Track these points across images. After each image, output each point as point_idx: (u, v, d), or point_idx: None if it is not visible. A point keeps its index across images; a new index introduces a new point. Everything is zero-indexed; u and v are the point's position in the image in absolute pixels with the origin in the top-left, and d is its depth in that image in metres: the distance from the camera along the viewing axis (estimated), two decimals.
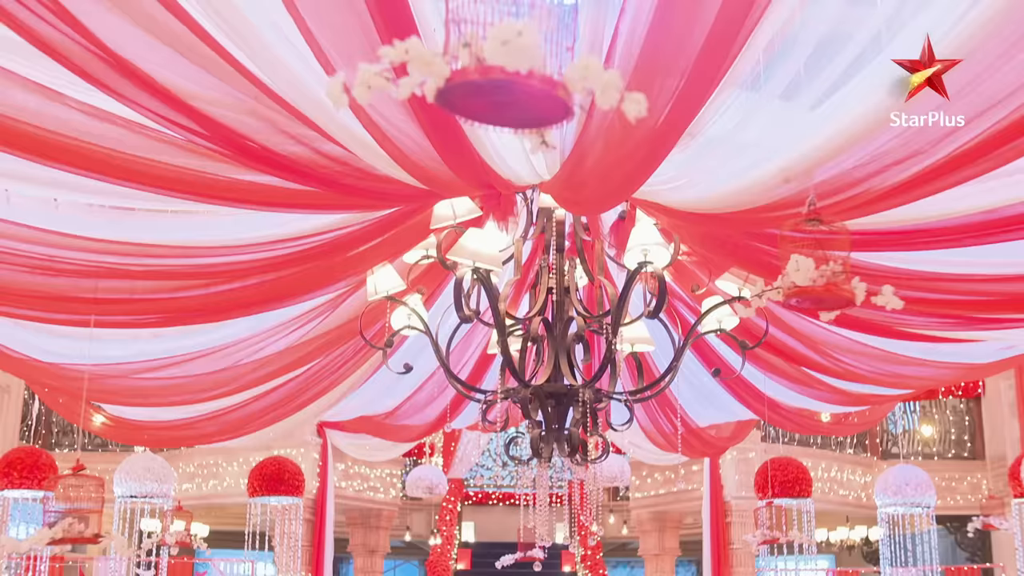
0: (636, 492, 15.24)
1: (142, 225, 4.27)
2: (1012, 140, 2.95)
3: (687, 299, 6.44)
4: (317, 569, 12.69)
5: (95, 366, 6.18)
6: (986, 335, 5.49)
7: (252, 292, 4.89)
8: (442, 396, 8.13)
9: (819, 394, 8.00)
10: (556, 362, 5.23)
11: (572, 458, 5.61)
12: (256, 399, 6.89)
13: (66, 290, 4.37)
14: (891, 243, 3.93)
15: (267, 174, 3.74)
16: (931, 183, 3.16)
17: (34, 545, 4.91)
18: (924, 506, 11.13)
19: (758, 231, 4.08)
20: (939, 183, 3.17)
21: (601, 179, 3.68)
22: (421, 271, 5.55)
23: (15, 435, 12.95)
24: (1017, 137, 2.92)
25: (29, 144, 3.49)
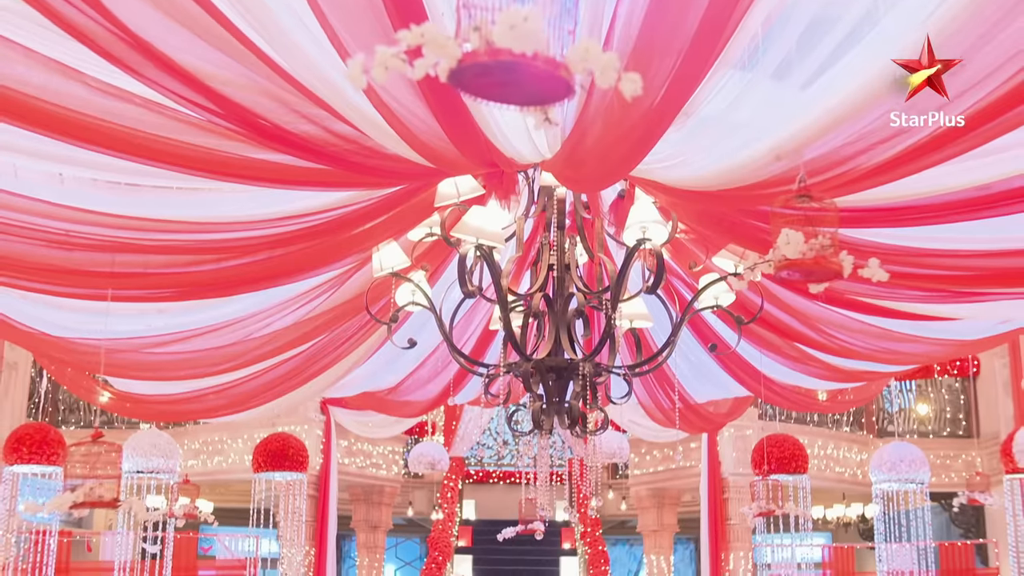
0: (635, 469, 15.43)
1: (156, 201, 4.42)
2: (993, 119, 3.08)
3: (685, 276, 6.58)
4: (321, 544, 12.89)
5: (106, 340, 6.35)
6: (970, 310, 5.64)
7: (262, 267, 5.04)
8: (444, 372, 8.28)
9: (813, 371, 8.14)
10: (557, 337, 5.37)
11: (572, 430, 5.78)
12: (263, 373, 7.04)
13: (83, 264, 4.51)
14: (879, 220, 4.07)
15: (279, 152, 3.89)
16: (916, 161, 3.31)
17: (58, 508, 5.06)
18: (918, 482, 11.29)
19: (752, 208, 4.22)
20: (923, 161, 3.31)
21: (600, 157, 3.83)
22: (425, 248, 5.70)
23: (23, 412, 13.13)
24: (998, 116, 3.06)
25: (51, 122, 3.63)
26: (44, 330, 6.33)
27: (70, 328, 6.30)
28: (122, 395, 8.08)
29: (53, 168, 4.05)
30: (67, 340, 6.33)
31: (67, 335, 6.40)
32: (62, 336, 6.37)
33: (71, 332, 6.36)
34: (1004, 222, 3.94)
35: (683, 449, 14.19)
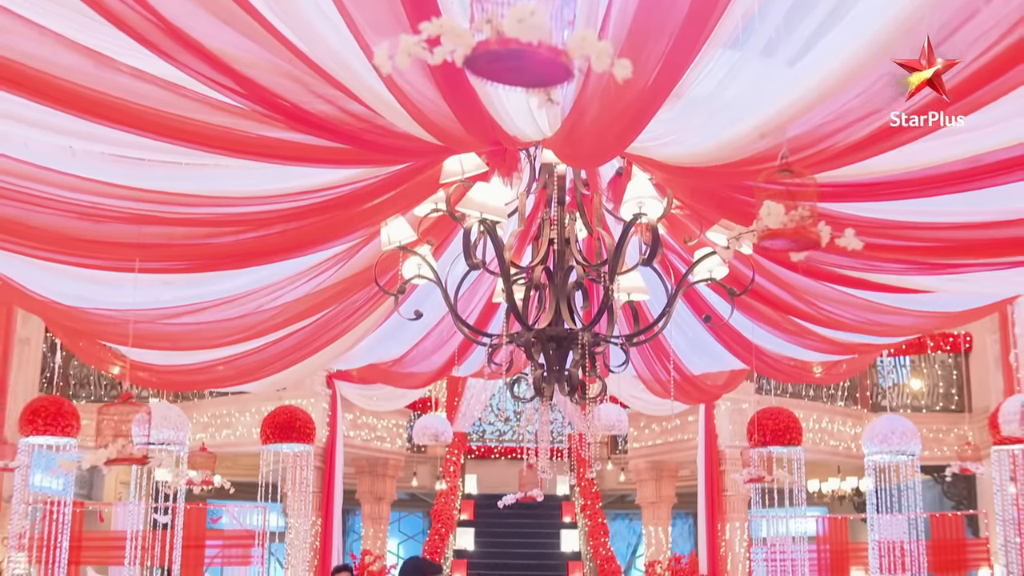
0: (634, 443, 15.73)
1: (179, 176, 4.68)
2: (962, 99, 3.34)
3: (680, 251, 6.83)
4: (327, 514, 13.21)
5: (121, 312, 6.63)
6: (949, 282, 5.90)
7: (277, 239, 5.31)
8: (448, 344, 8.56)
9: (807, 343, 8.41)
10: (557, 308, 5.62)
11: (572, 397, 6.06)
12: (273, 344, 7.32)
13: (111, 235, 4.78)
14: (857, 194, 4.33)
15: (295, 131, 4.15)
16: (890, 139, 3.56)
17: (92, 463, 5.34)
18: (909, 454, 11.62)
19: (739, 184, 4.47)
20: (897, 139, 3.57)
21: (597, 135, 4.08)
22: (431, 224, 5.94)
23: (35, 386, 13.41)
24: (966, 96, 3.32)
25: (83, 104, 3.90)
26: (58, 300, 6.58)
27: (87, 299, 6.58)
28: (135, 364, 8.32)
29: (82, 145, 4.31)
30: (86, 311, 6.60)
31: (82, 305, 6.66)
32: (82, 307, 6.63)
33: (86, 303, 6.63)
34: (976, 196, 4.19)
35: (681, 423, 14.50)
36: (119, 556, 12.20)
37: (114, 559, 12.37)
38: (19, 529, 11.50)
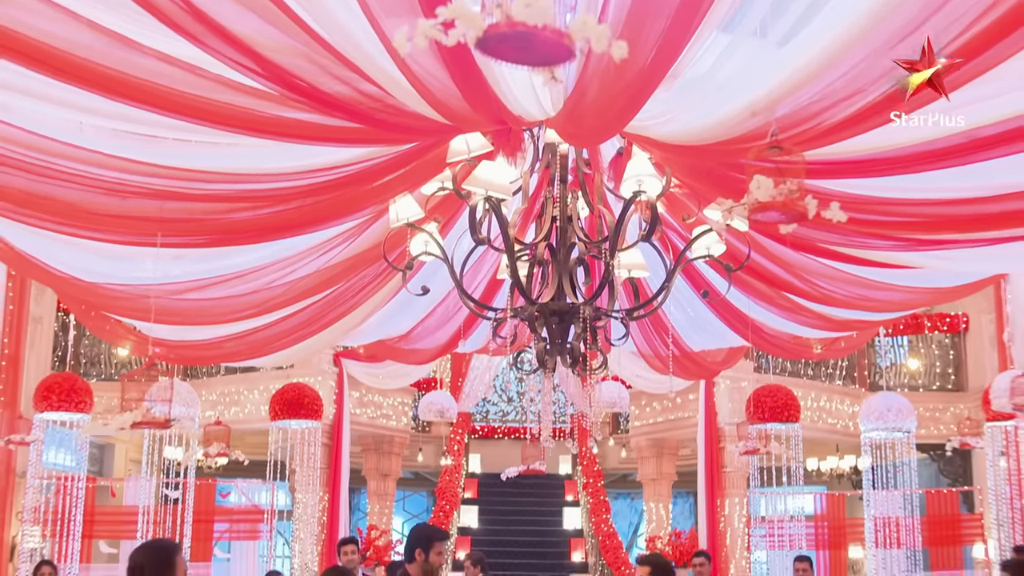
0: (635, 421, 15.99)
1: (199, 154, 4.90)
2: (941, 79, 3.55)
3: (679, 229, 7.04)
4: (334, 489, 13.47)
5: (131, 287, 6.86)
6: (937, 259, 6.12)
7: (292, 215, 5.53)
8: (453, 320, 8.79)
9: (803, 319, 8.63)
10: (559, 283, 5.84)
11: (573, 369, 6.28)
12: (284, 319, 7.55)
13: (134, 210, 5.01)
14: (844, 171, 4.55)
15: (310, 111, 4.38)
16: (873, 117, 3.78)
17: (121, 426, 5.57)
18: (905, 431, 11.84)
19: (733, 161, 4.68)
20: (880, 118, 3.78)
21: (598, 114, 4.30)
22: (437, 202, 6.16)
23: (47, 364, 13.65)
24: (943, 77, 3.53)
25: (110, 84, 4.13)
26: (77, 275, 6.80)
27: (104, 274, 6.81)
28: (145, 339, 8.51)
29: (108, 124, 4.53)
30: (102, 286, 6.83)
31: (98, 280, 6.88)
32: (99, 282, 6.86)
33: (103, 277, 6.86)
34: (959, 172, 4.41)
35: (681, 400, 14.74)
36: (131, 530, 12.47)
37: (126, 533, 12.63)
38: (34, 503, 11.77)
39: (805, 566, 10.83)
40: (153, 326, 7.79)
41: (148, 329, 8.29)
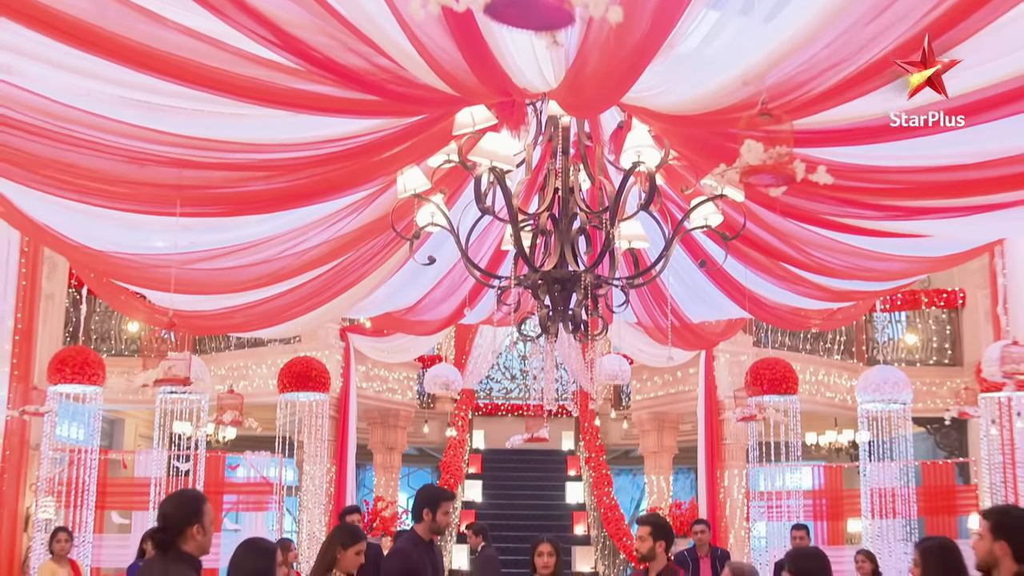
0: (637, 395, 16.25)
1: (216, 124, 5.12)
2: (918, 50, 3.77)
3: (678, 200, 7.25)
4: (341, 461, 13.74)
5: (146, 256, 7.09)
6: (928, 227, 6.34)
7: (304, 186, 5.76)
8: (458, 292, 9.02)
9: (800, 290, 8.85)
10: (562, 252, 6.06)
11: (575, 335, 6.50)
12: (294, 289, 7.78)
13: (154, 178, 5.24)
14: (832, 139, 4.76)
15: (327, 84, 4.61)
16: (857, 87, 4.00)
17: (145, 381, 5.81)
18: (901, 402, 12.12)
19: (727, 131, 4.90)
20: (864, 87, 4.00)
21: (598, 84, 4.52)
22: (443, 174, 6.37)
23: (59, 340, 13.88)
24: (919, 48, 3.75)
25: (133, 56, 4.36)
26: (89, 244, 7.03)
27: (118, 243, 7.04)
28: (157, 309, 8.70)
29: (131, 94, 4.75)
30: (115, 255, 7.05)
31: (110, 248, 7.11)
32: (110, 251, 7.09)
33: (115, 246, 7.08)
34: (942, 139, 4.62)
35: (682, 374, 14.99)
36: (142, 501, 12.76)
37: (137, 504, 12.91)
38: (49, 474, 12.03)
39: (802, 534, 11.10)
40: (164, 295, 7.99)
41: (159, 299, 8.50)
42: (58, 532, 10.56)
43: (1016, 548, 4.75)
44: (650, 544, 6.98)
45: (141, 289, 8.10)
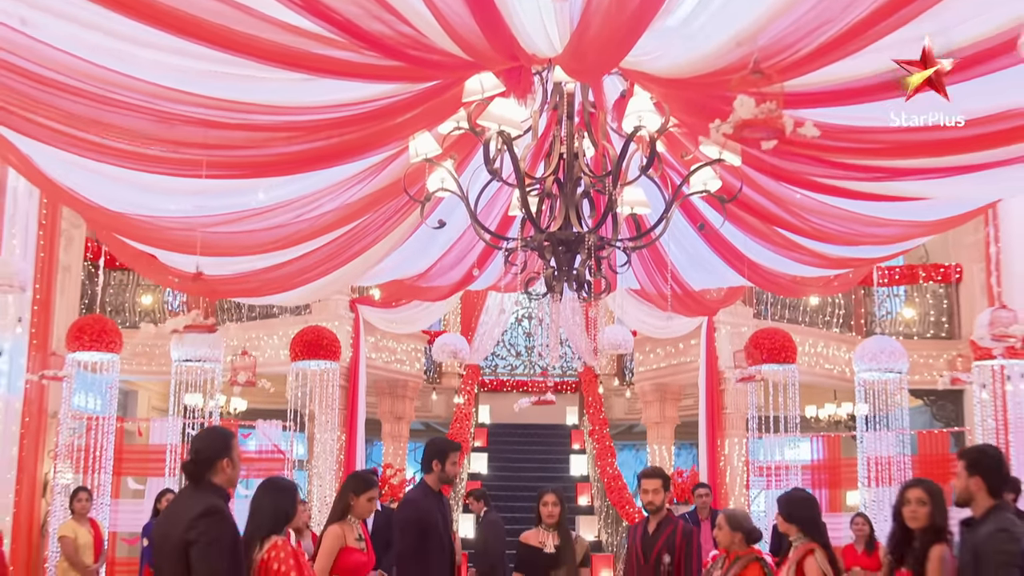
0: (640, 367, 16.58)
1: (239, 87, 5.43)
2: (899, 9, 4.06)
3: (678, 167, 7.54)
4: (351, 429, 14.07)
5: (168, 219, 7.39)
6: (920, 187, 6.63)
7: (321, 149, 6.07)
8: (466, 259, 9.32)
9: (798, 257, 9.12)
10: (567, 215, 6.35)
11: (579, 293, 6.80)
12: (310, 253, 8.09)
13: (181, 136, 5.55)
14: (821, 100, 5.05)
15: (346, 50, 4.92)
16: (842, 46, 4.30)
17: (172, 328, 6.11)
18: (897, 371, 12.43)
19: (723, 93, 5.19)
20: (847, 47, 4.30)
21: (600, 48, 4.82)
22: (453, 140, 6.66)
23: (75, 311, 14.20)
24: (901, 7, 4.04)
25: (166, 19, 4.67)
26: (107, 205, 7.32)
27: (137, 204, 7.33)
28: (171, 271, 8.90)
29: (162, 57, 5.06)
30: (133, 216, 7.34)
31: (128, 210, 7.40)
32: (128, 212, 7.38)
33: (134, 208, 7.37)
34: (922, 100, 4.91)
35: (684, 346, 15.31)
36: (157, 468, 13.12)
37: (152, 471, 13.27)
38: (67, 440, 12.37)
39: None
40: (179, 258, 8.22)
41: (174, 262, 8.74)
42: (79, 492, 10.91)
43: (990, 483, 5.10)
44: (662, 496, 7.36)
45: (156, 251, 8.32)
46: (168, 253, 8.07)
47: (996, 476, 5.12)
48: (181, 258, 7.97)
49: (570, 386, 21.84)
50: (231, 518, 4.80)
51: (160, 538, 4.90)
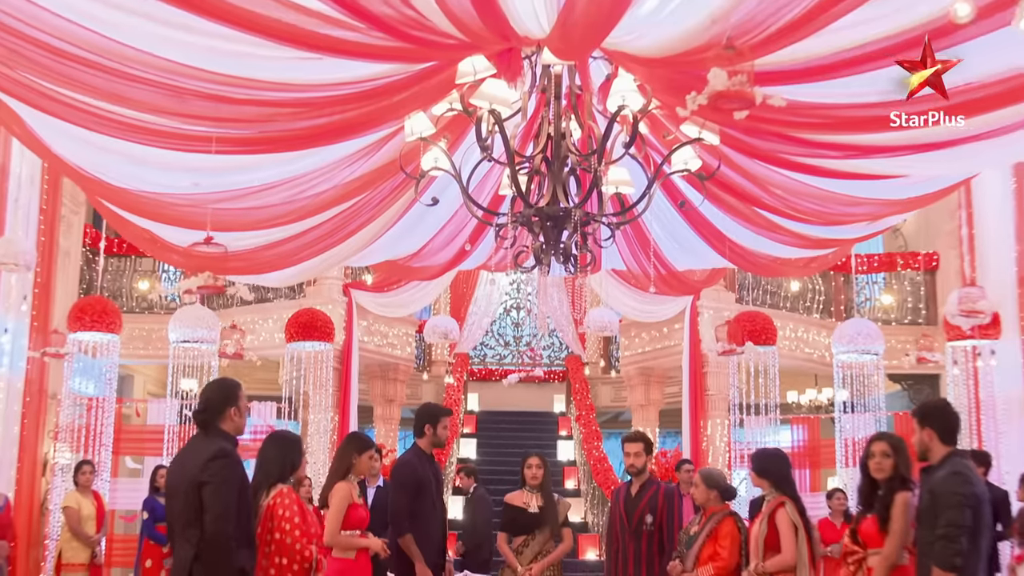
0: (625, 351, 16.99)
1: (248, 64, 5.78)
2: None
3: (660, 148, 7.91)
4: (344, 410, 14.43)
5: (173, 195, 7.73)
6: (890, 164, 7.01)
7: (324, 125, 6.44)
8: (457, 238, 9.69)
9: (778, 237, 9.50)
10: (554, 191, 6.72)
11: (566, 266, 7.17)
12: (310, 230, 8.45)
13: (192, 109, 5.91)
14: (791, 77, 5.43)
15: (352, 31, 5.29)
16: (809, 23, 4.67)
17: (187, 287, 6.45)
18: (873, 353, 12.84)
19: (700, 73, 5.57)
20: (815, 23, 4.68)
21: (584, 28, 5.19)
22: (446, 121, 7.02)
23: (75, 295, 14.50)
24: None
25: None
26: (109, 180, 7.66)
27: (147, 182, 7.68)
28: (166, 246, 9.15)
29: (175, 34, 5.41)
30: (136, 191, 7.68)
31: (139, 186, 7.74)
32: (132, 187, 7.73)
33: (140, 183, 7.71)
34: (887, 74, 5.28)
35: (668, 330, 15.72)
36: (155, 447, 13.46)
37: (150, 450, 13.62)
38: (68, 420, 12.69)
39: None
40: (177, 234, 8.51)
41: (172, 237, 9.03)
42: (83, 465, 11.25)
43: (941, 432, 5.53)
44: (644, 459, 7.75)
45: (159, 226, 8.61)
46: (172, 229, 8.40)
47: (944, 425, 5.56)
48: (185, 234, 8.31)
49: (558, 375, 22.25)
50: (240, 461, 5.20)
51: (173, 481, 5.29)
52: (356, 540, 6.59)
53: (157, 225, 8.50)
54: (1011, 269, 11.73)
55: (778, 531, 6.46)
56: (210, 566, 4.95)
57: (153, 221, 7.99)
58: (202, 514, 4.99)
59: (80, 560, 10.76)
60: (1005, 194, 11.92)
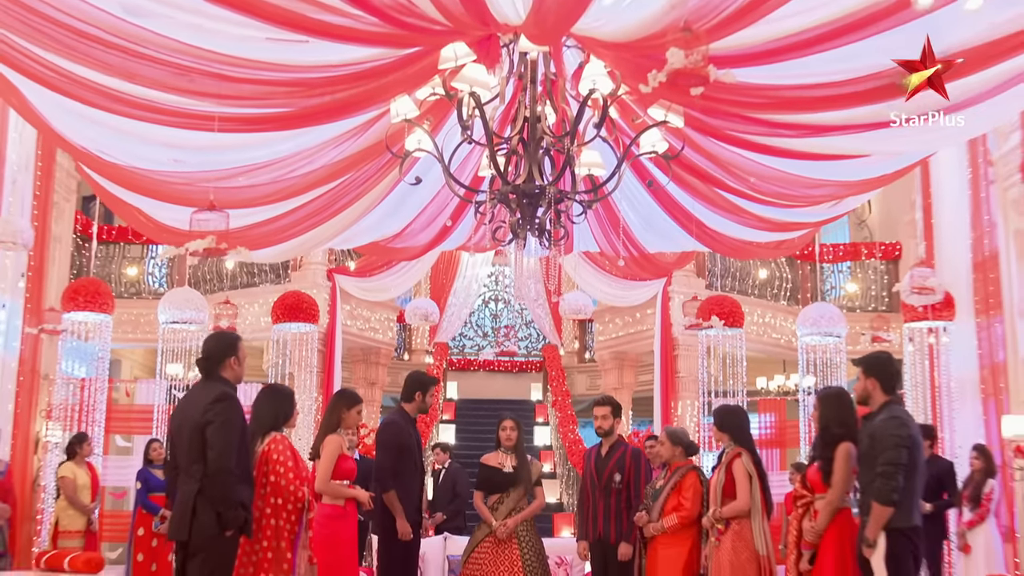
0: (600, 336, 17.56)
1: (249, 47, 6.28)
2: None
3: (630, 132, 8.43)
4: (327, 391, 14.88)
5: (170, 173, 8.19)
6: (847, 144, 7.53)
7: (317, 106, 6.95)
8: (438, 219, 10.20)
9: (747, 222, 10.04)
10: (530, 170, 7.23)
11: (541, 239, 7.67)
12: (299, 208, 8.94)
13: (196, 86, 6.40)
14: (748, 59, 5.96)
15: (345, 17, 5.79)
16: (760, 6, 5.20)
17: (191, 249, 6.90)
18: (836, 335, 13.42)
19: (662, 57, 6.09)
20: (765, 7, 5.21)
21: (556, 14, 5.73)
22: (429, 105, 7.51)
23: (66, 280, 14.89)
24: None
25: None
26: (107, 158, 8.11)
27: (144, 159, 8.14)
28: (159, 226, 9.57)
29: (184, 16, 5.91)
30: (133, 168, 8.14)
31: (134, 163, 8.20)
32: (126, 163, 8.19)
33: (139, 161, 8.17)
34: (839, 54, 5.80)
35: (640, 315, 16.28)
36: (144, 426, 13.87)
37: (139, 429, 14.03)
38: (60, 400, 13.11)
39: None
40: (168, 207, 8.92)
41: (167, 216, 9.47)
42: (83, 436, 11.71)
43: (883, 382, 6.09)
44: (611, 421, 8.26)
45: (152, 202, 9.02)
46: (166, 207, 8.88)
47: (887, 376, 6.12)
48: (178, 212, 8.76)
49: (535, 365, 22.79)
50: (240, 405, 5.71)
51: (177, 423, 5.80)
52: (345, 489, 7.09)
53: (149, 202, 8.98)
54: (966, 255, 12.28)
55: (735, 479, 7.01)
56: (213, 498, 5.46)
57: (147, 197, 8.43)
58: (205, 451, 5.49)
59: (76, 527, 11.20)
60: (962, 184, 12.48)
